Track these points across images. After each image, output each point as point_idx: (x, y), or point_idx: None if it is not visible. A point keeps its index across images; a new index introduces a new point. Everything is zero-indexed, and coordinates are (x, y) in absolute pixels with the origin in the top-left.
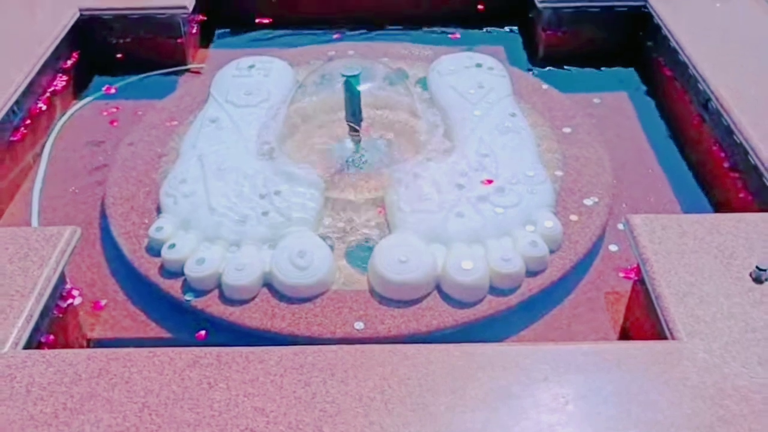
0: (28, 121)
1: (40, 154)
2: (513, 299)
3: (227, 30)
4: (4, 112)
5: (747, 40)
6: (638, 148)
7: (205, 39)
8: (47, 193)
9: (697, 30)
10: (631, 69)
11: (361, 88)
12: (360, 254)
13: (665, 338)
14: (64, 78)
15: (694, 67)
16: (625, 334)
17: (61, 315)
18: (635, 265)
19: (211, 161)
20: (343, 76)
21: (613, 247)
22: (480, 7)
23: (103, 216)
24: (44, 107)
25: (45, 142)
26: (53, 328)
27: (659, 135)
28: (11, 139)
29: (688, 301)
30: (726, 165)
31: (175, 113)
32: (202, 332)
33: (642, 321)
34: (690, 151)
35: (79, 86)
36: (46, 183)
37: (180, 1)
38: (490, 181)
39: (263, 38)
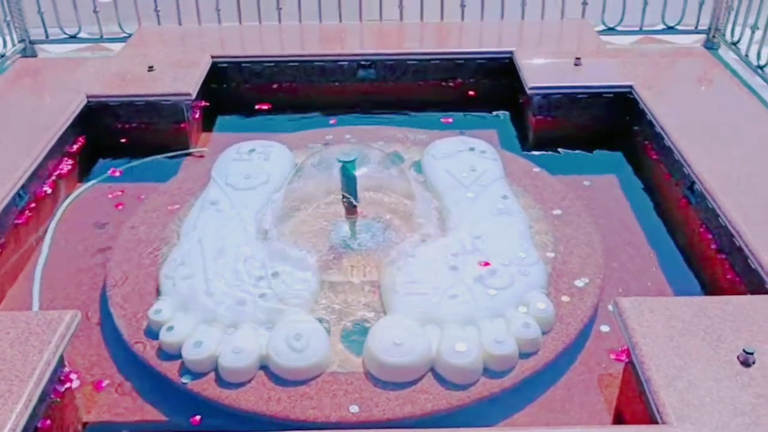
0: (33, 205)
1: (43, 237)
2: (507, 381)
3: (229, 115)
4: (10, 197)
5: (728, 124)
6: (628, 230)
7: (208, 123)
8: (49, 276)
9: (681, 115)
10: (620, 152)
11: (358, 173)
12: (355, 336)
13: (656, 422)
14: (70, 162)
15: (679, 152)
16: (619, 416)
17: (58, 399)
18: (626, 347)
19: (210, 244)
20: (340, 161)
21: (604, 328)
22: (471, 93)
23: (104, 298)
24: (49, 191)
25: (49, 225)
26: (50, 413)
27: (648, 217)
28: (16, 222)
29: (677, 384)
30: (713, 247)
31: (177, 196)
32: (197, 417)
33: (635, 403)
34: (678, 232)
35: (84, 169)
36: (48, 265)
37: (184, 87)
38: (487, 263)
39: (263, 123)
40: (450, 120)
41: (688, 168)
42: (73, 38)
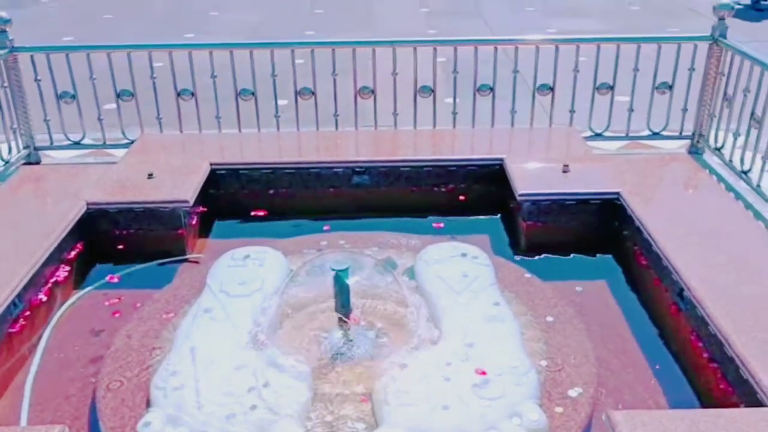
0: (28, 313)
1: (36, 345)
2: None
3: (226, 220)
4: (5, 306)
5: (715, 229)
6: (621, 337)
7: (205, 229)
8: (40, 386)
9: (668, 220)
10: (610, 256)
11: (350, 281)
12: None
13: None
14: (67, 268)
15: (667, 258)
16: None
17: None
18: None
19: (203, 352)
20: (333, 270)
21: None
22: (462, 198)
23: (93, 410)
24: (45, 298)
25: (43, 333)
26: None
27: (641, 323)
28: (9, 331)
29: None
30: (705, 355)
31: (172, 304)
32: None
33: None
34: (670, 340)
35: (80, 276)
36: (39, 375)
37: (182, 195)
38: (483, 373)
39: (260, 228)
40: (441, 225)
41: (677, 275)
42: (76, 144)
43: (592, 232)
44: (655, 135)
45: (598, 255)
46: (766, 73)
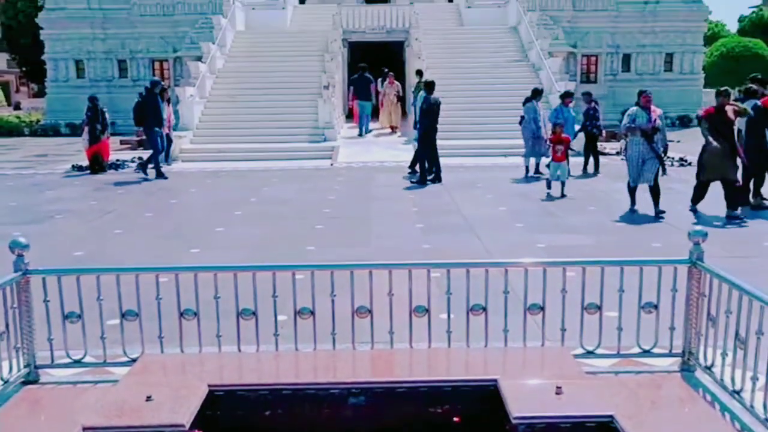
0: None
1: None
2: None
3: None
4: None
5: None
6: None
7: None
8: None
9: None
10: None
11: None
12: None
13: None
14: None
15: None
16: None
17: None
18: None
19: None
20: None
21: None
22: (456, 419)
23: None
24: None
25: None
26: None
27: None
28: None
29: None
30: None
31: None
32: None
33: None
34: None
35: None
36: None
37: (178, 419)
38: None
39: None
40: None
41: None
42: (77, 362)
43: None
44: (646, 353)
45: None
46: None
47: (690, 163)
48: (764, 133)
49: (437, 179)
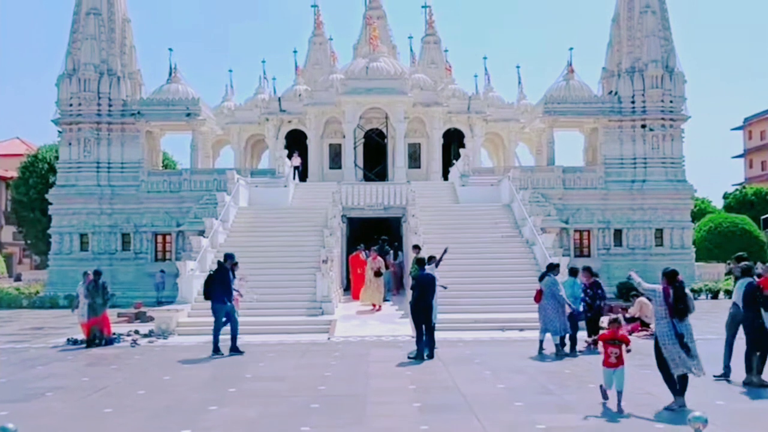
0: None
1: None
2: None
3: None
4: None
5: None
6: None
7: None
8: None
9: None
10: None
11: None
12: None
13: None
14: None
15: None
16: None
17: None
18: None
19: None
20: None
21: None
22: None
23: None
24: None
25: None
26: None
27: None
28: None
29: None
30: None
31: None
32: None
33: None
34: None
35: None
36: None
37: None
38: None
39: None
40: None
41: None
42: None
43: None
44: None
45: None
46: None
47: None
48: (760, 312)
49: (430, 355)
